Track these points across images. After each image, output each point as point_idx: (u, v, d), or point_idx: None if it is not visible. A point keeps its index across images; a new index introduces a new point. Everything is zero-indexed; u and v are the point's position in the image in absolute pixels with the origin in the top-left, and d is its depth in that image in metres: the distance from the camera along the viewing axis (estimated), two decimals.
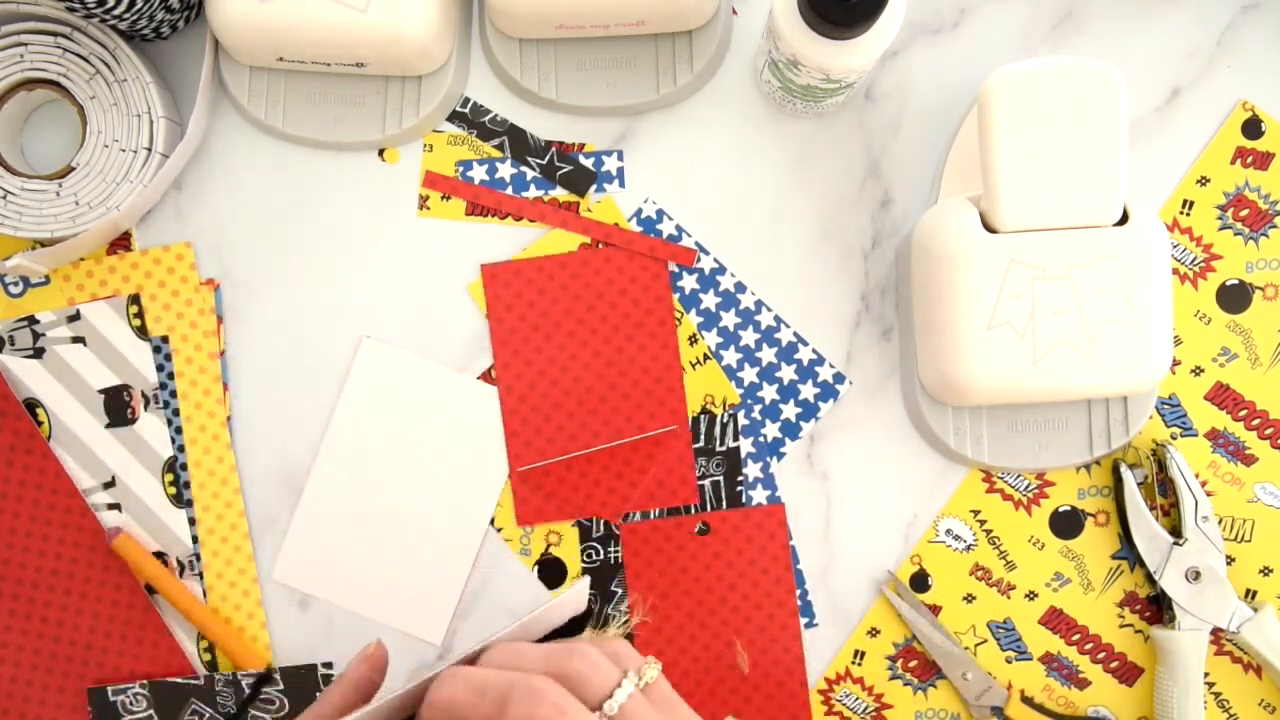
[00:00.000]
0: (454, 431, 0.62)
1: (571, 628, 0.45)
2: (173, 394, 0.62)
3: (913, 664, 0.62)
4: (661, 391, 0.62)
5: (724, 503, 0.62)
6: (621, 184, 0.63)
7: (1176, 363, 0.62)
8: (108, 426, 0.62)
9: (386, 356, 0.62)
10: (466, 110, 0.63)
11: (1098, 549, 0.62)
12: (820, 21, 0.51)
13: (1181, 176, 0.63)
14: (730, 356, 0.63)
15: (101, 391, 0.62)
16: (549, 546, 0.62)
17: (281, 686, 0.60)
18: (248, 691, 0.60)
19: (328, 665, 0.61)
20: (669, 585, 0.62)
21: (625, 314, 0.62)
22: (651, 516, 0.62)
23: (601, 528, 0.62)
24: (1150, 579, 0.60)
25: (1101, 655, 0.62)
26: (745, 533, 0.62)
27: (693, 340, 0.63)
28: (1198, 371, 0.62)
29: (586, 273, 0.62)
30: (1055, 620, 0.62)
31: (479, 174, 0.63)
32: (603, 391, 0.62)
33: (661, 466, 0.62)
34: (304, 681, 0.61)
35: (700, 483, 0.62)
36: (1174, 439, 0.62)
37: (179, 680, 0.61)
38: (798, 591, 0.62)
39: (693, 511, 0.62)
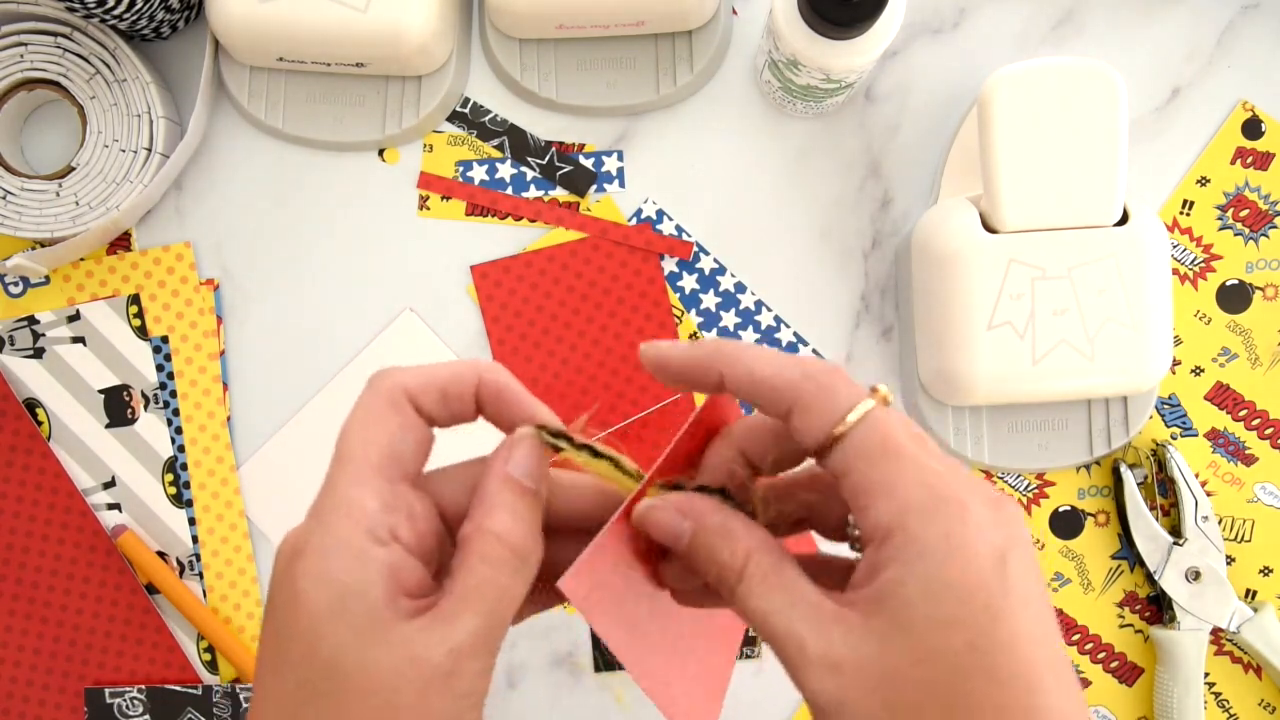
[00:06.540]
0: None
1: None
2: (173, 394, 0.62)
3: None
4: None
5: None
6: (621, 184, 0.63)
7: (1176, 363, 0.62)
8: (108, 426, 0.62)
9: (420, 335, 0.62)
10: (466, 110, 0.63)
11: (1098, 549, 0.62)
12: (820, 21, 0.51)
13: (1181, 176, 0.63)
14: None
15: (101, 391, 0.62)
16: None
17: None
18: (245, 704, 0.60)
19: None
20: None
21: (620, 299, 0.62)
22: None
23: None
24: (1150, 579, 0.60)
25: (1101, 655, 0.62)
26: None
27: (693, 339, 0.62)
28: (1198, 371, 0.62)
29: (577, 264, 0.62)
30: None
31: (479, 174, 0.63)
32: (605, 380, 0.62)
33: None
34: None
35: None
36: (1174, 439, 0.62)
37: (177, 688, 0.60)
38: None
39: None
